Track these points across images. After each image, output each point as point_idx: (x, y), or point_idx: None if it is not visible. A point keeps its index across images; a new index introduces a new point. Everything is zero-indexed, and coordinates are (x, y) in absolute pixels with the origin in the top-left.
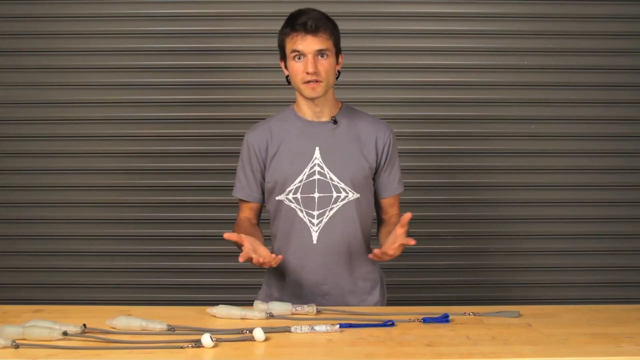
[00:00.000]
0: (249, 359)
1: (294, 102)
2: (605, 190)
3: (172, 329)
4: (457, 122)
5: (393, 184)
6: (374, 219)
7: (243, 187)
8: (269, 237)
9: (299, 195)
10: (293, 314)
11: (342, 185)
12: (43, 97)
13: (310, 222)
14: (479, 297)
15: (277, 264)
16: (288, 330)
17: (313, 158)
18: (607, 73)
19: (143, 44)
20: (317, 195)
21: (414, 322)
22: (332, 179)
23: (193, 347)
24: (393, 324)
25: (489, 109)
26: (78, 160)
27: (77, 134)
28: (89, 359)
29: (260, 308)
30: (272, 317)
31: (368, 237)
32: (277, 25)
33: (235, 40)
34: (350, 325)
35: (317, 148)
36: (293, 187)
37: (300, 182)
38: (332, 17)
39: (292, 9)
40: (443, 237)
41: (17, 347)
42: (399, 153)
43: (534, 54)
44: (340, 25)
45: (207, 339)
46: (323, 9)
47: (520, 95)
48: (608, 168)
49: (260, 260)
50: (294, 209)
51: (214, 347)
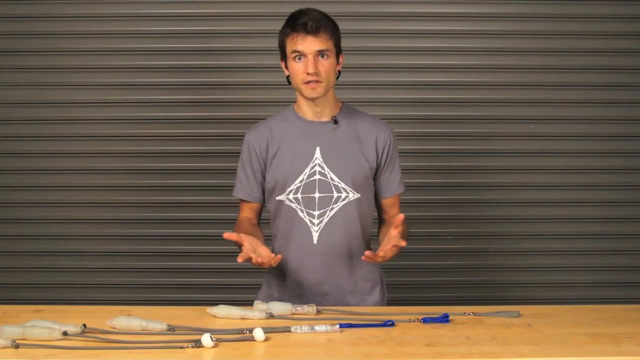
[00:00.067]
0: (249, 359)
1: (294, 102)
2: (605, 190)
3: (172, 329)
4: (457, 122)
5: (394, 184)
6: (375, 219)
7: (243, 187)
8: (270, 237)
9: (300, 195)
10: (293, 314)
11: (342, 185)
12: (43, 97)
13: (311, 222)
14: (479, 297)
15: (276, 264)
16: (288, 330)
17: (313, 158)
18: (607, 73)
19: (143, 44)
20: (317, 195)
21: (414, 322)
22: (332, 179)
23: (193, 347)
24: (393, 324)
25: (489, 109)
26: (78, 160)
27: (77, 134)
28: (89, 359)
29: (260, 308)
30: (272, 317)
31: (368, 237)
32: (277, 25)
33: (235, 40)
34: (350, 325)
35: (317, 148)
36: (293, 187)
37: (301, 182)
38: (332, 17)
39: (292, 9)
40: (443, 237)
41: (17, 347)
42: (399, 153)
43: (534, 54)
44: (340, 25)
45: (207, 339)
46: (323, 9)
47: (520, 95)
48: (608, 168)
49: (260, 260)
50: (295, 209)
51: (214, 347)
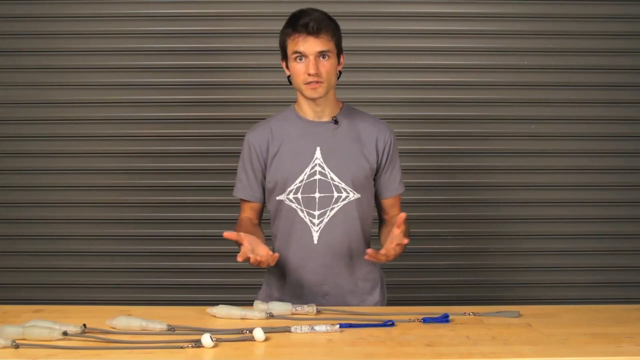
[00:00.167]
0: (249, 359)
1: (294, 102)
2: (605, 190)
3: (172, 329)
4: (457, 122)
5: (394, 185)
6: (375, 219)
7: (244, 186)
8: (270, 237)
9: (300, 195)
10: (293, 314)
11: (342, 185)
12: (43, 97)
13: (311, 222)
14: (479, 297)
15: (274, 263)
16: (288, 330)
17: (314, 158)
18: (607, 73)
19: (143, 44)
20: (317, 195)
21: (414, 322)
22: (332, 179)
23: (193, 347)
24: (393, 324)
25: (489, 109)
26: (78, 160)
27: (77, 134)
28: (89, 359)
29: (260, 308)
30: (272, 317)
31: (369, 237)
32: (277, 25)
33: (235, 40)
34: (350, 325)
35: (318, 148)
36: (294, 187)
37: (301, 182)
38: (332, 17)
39: (292, 9)
40: (443, 237)
41: (17, 347)
42: (399, 153)
43: (534, 54)
44: (341, 25)
45: (207, 339)
46: (323, 9)
47: (520, 95)
48: (608, 168)
49: (258, 259)
50: (295, 209)
51: (214, 347)
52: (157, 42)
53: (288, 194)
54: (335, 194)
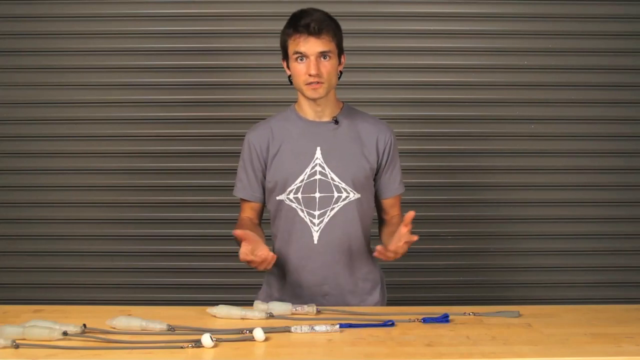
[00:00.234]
0: (249, 359)
1: (294, 102)
2: (605, 190)
3: (172, 329)
4: (457, 122)
5: (394, 185)
6: (375, 219)
7: (244, 186)
8: (270, 237)
9: (300, 195)
10: (293, 314)
11: (343, 185)
12: (43, 97)
13: (311, 222)
14: (479, 297)
15: (271, 266)
16: (288, 330)
17: (314, 158)
18: (607, 73)
19: (143, 44)
20: (318, 195)
21: (414, 322)
22: (333, 179)
23: (193, 347)
24: (393, 324)
25: (489, 109)
26: (78, 160)
27: (77, 134)
28: (89, 359)
29: (260, 308)
30: (272, 317)
31: (368, 237)
32: (277, 25)
33: (235, 40)
34: (350, 325)
35: (318, 148)
36: (294, 186)
37: (302, 182)
38: (333, 17)
39: (292, 9)
40: (443, 237)
41: (17, 347)
42: (400, 153)
43: (534, 54)
44: (341, 25)
45: (207, 339)
46: (324, 9)
47: (520, 95)
48: (608, 168)
49: (257, 260)
50: (295, 209)
51: (214, 347)
52: (157, 42)
53: (288, 194)
54: (336, 194)
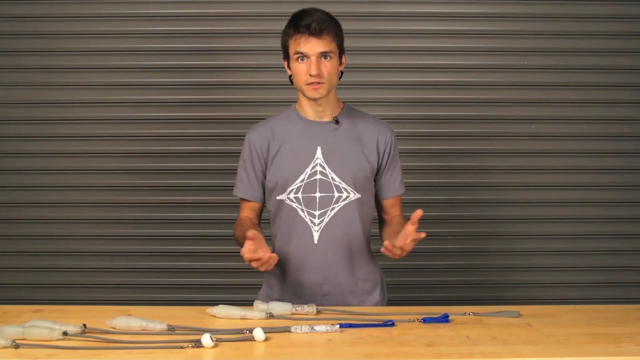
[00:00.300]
0: (249, 359)
1: (295, 101)
2: (605, 190)
3: (172, 329)
4: (457, 122)
5: (395, 185)
6: (375, 220)
7: (244, 186)
8: (270, 237)
9: (300, 195)
10: (293, 314)
11: (343, 185)
12: (43, 97)
13: (312, 221)
14: (479, 297)
15: (272, 267)
16: (288, 330)
17: (315, 158)
18: (607, 73)
19: (143, 44)
20: (318, 195)
21: (414, 322)
22: (333, 179)
23: (193, 347)
24: (393, 324)
25: (489, 109)
26: (78, 160)
27: (77, 134)
28: (89, 359)
29: (260, 308)
30: (272, 317)
31: (369, 237)
32: (277, 25)
33: (235, 40)
34: (350, 325)
35: (318, 148)
36: (294, 186)
37: (302, 181)
38: (334, 17)
39: (292, 9)
40: (443, 237)
41: (17, 347)
42: (400, 153)
43: (534, 54)
44: (342, 25)
45: (207, 339)
46: (324, 9)
47: (520, 95)
48: (608, 168)
49: (262, 260)
50: (295, 209)
51: (214, 347)
52: (157, 42)
53: (288, 194)
54: (336, 194)
